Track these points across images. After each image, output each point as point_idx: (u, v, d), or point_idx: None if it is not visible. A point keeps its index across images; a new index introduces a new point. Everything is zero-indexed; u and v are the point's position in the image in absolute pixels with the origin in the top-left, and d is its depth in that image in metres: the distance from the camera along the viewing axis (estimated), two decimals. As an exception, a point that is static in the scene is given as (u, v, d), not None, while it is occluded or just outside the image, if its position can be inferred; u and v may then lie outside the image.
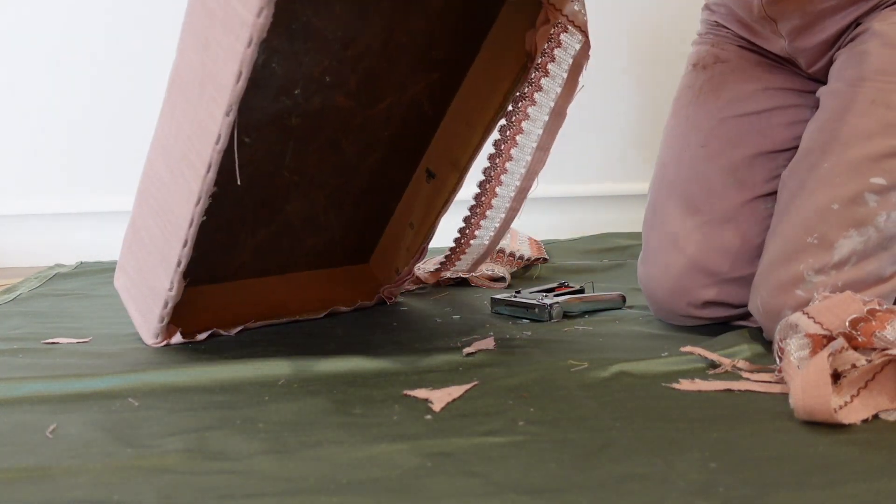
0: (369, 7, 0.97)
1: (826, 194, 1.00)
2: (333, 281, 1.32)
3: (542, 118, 1.06)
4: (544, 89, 1.04)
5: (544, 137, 1.07)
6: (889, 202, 0.98)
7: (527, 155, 1.08)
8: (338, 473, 0.65)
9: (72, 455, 0.69)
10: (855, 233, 0.97)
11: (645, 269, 1.19)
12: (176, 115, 0.94)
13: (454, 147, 1.23)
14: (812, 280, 0.98)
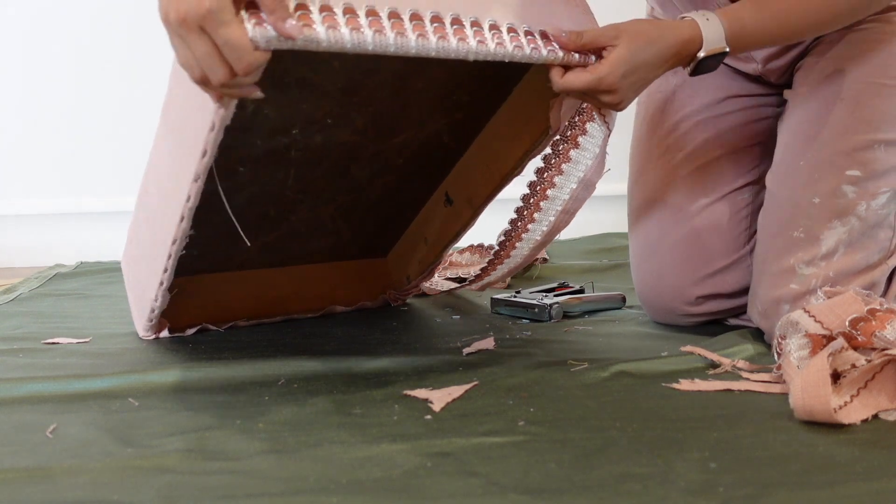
0: (376, 60, 0.94)
1: (807, 190, 1.03)
2: (342, 276, 1.31)
3: (569, 186, 1.01)
4: (573, 160, 1.00)
5: (570, 203, 1.03)
6: (867, 192, 1.01)
7: (550, 216, 1.04)
8: (338, 473, 0.65)
9: (72, 455, 0.69)
10: (838, 223, 1.01)
11: (636, 276, 1.20)
12: (165, 138, 0.95)
13: (472, 184, 1.19)
14: (804, 273, 1.01)
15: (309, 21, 0.70)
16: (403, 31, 0.76)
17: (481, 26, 0.82)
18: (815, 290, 1.01)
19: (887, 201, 1.02)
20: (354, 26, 0.72)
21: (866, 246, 1.01)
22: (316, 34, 0.70)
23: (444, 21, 0.79)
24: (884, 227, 1.02)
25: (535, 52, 0.84)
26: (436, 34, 0.78)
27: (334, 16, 0.72)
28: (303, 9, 0.70)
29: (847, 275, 1.00)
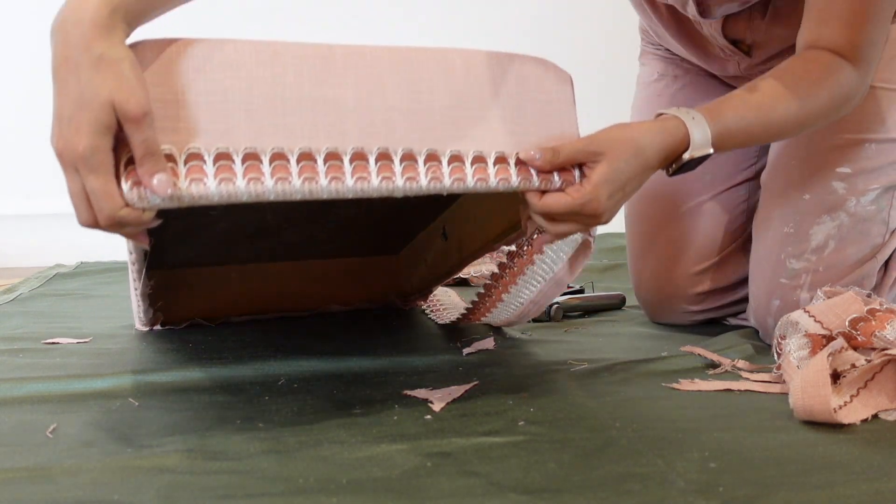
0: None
1: (797, 187, 1.04)
2: (345, 273, 1.30)
3: (536, 280, 0.95)
4: (544, 255, 0.92)
5: (539, 296, 0.98)
6: (856, 189, 1.02)
7: (516, 303, 1.01)
8: (338, 473, 0.65)
9: (72, 455, 0.69)
10: (828, 218, 1.02)
11: (634, 275, 1.21)
12: None
13: (464, 231, 1.12)
14: (794, 267, 1.02)
15: (199, 174, 0.64)
16: (341, 175, 0.68)
17: (439, 160, 0.73)
18: (804, 285, 1.02)
19: (877, 197, 1.02)
20: (254, 176, 0.65)
21: (857, 241, 1.02)
22: (190, 192, 0.63)
23: (392, 159, 0.71)
24: (876, 222, 1.02)
25: (504, 182, 0.75)
26: (379, 174, 0.70)
27: (231, 165, 0.65)
28: (196, 159, 0.64)
29: (837, 269, 1.01)
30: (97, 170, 0.61)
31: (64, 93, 0.62)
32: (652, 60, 1.25)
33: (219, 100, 0.66)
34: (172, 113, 0.64)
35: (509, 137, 0.77)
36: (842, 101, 0.92)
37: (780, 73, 0.91)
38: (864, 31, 0.90)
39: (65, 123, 0.62)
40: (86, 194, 0.62)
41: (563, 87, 0.81)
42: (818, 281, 1.01)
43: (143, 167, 0.62)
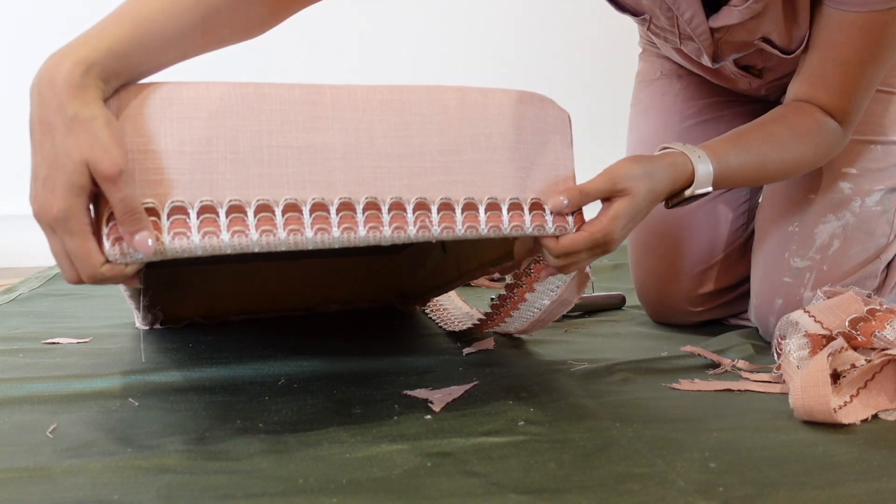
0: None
1: (803, 187, 1.05)
2: (345, 273, 1.29)
3: (541, 302, 0.94)
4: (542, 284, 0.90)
5: (544, 314, 0.96)
6: (862, 189, 1.02)
7: (521, 319, 1.00)
8: (338, 473, 0.65)
9: (72, 455, 0.69)
10: (833, 218, 1.03)
11: (635, 275, 1.21)
12: None
13: (463, 249, 1.10)
14: (798, 266, 1.02)
15: (183, 228, 0.63)
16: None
17: (428, 208, 0.71)
18: (808, 284, 1.02)
19: (882, 198, 1.03)
20: (238, 229, 0.64)
21: (862, 241, 1.02)
22: (173, 246, 0.62)
23: (380, 208, 0.69)
24: (881, 222, 1.03)
25: (517, 230, 0.74)
26: (367, 224, 0.68)
27: (216, 218, 0.63)
28: (179, 213, 0.63)
29: (841, 268, 1.02)
30: (73, 232, 0.61)
31: (40, 154, 0.61)
32: (652, 57, 1.25)
33: (203, 150, 0.64)
34: (155, 164, 0.63)
35: (504, 181, 0.75)
36: (825, 153, 0.98)
37: (776, 123, 0.95)
38: (853, 99, 0.94)
39: (40, 184, 0.61)
40: (67, 253, 0.62)
41: (561, 126, 0.79)
42: (821, 279, 1.01)
43: (123, 226, 0.61)
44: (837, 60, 0.92)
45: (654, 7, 0.96)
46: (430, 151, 0.72)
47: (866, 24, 0.87)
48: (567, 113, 0.80)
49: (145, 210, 0.62)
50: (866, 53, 0.90)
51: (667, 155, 0.86)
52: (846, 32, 0.89)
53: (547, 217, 0.76)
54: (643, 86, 1.24)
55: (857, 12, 0.87)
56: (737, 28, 0.93)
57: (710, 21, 0.94)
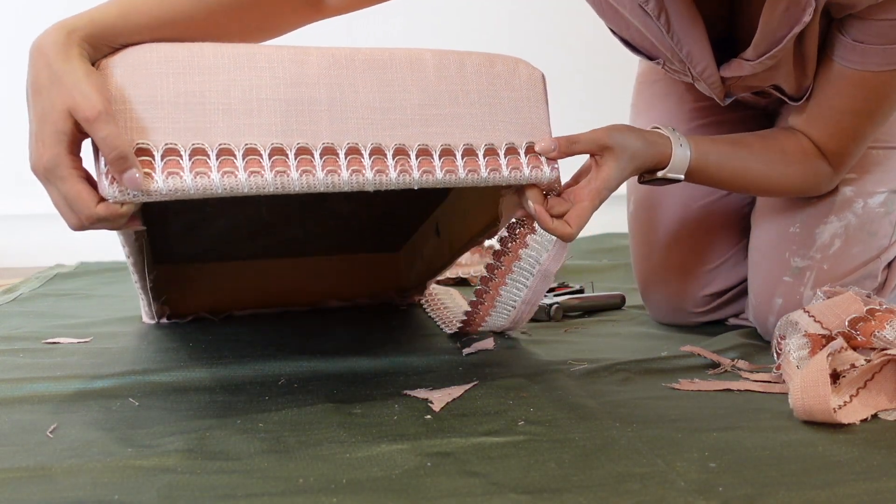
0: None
1: None
2: (346, 270, 1.30)
3: (527, 272, 0.95)
4: (530, 246, 0.93)
5: (530, 295, 0.98)
6: (864, 190, 1.03)
7: (510, 306, 1.01)
8: (338, 473, 0.65)
9: (72, 455, 0.69)
10: (834, 218, 1.03)
11: (638, 275, 1.21)
12: None
13: (454, 226, 1.15)
14: (798, 265, 1.03)
15: (176, 168, 0.66)
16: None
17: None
18: (808, 283, 1.02)
19: (885, 200, 1.03)
20: (228, 170, 0.67)
21: (863, 241, 1.02)
22: (167, 185, 0.66)
23: (362, 153, 0.73)
24: (884, 223, 1.03)
25: (494, 173, 0.78)
26: (349, 168, 0.72)
27: (206, 160, 0.67)
28: (173, 154, 0.66)
29: (841, 267, 1.02)
30: (63, 177, 0.65)
31: (32, 112, 0.66)
32: None
33: (197, 101, 0.68)
34: (152, 113, 0.67)
35: (481, 133, 0.79)
36: (810, 187, 1.01)
37: (769, 141, 0.98)
38: (849, 147, 0.97)
39: (33, 140, 0.66)
40: (64, 200, 0.66)
41: (534, 83, 0.83)
42: (821, 278, 1.01)
43: (111, 165, 0.65)
44: (833, 108, 0.95)
45: (667, 55, 0.97)
46: (410, 105, 0.76)
47: (862, 81, 0.91)
48: (540, 71, 0.84)
49: (140, 150, 0.66)
50: (861, 106, 0.93)
51: (654, 133, 0.90)
52: (843, 85, 0.92)
53: (522, 160, 0.80)
54: (645, 86, 1.24)
55: (854, 69, 0.90)
56: (748, 77, 0.94)
57: (721, 71, 0.96)
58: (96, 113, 0.63)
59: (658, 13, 0.89)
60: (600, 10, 1.00)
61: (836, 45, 0.90)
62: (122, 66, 0.67)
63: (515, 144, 0.80)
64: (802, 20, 0.84)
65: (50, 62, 0.65)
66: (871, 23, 0.86)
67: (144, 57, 0.68)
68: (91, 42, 0.67)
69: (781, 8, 0.84)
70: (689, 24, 0.91)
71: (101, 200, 0.66)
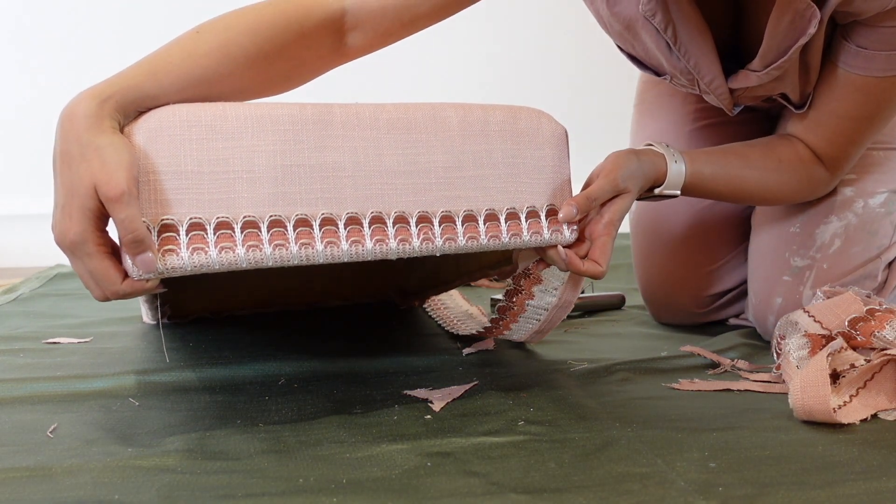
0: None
1: None
2: (347, 269, 1.30)
3: (542, 308, 0.94)
4: (544, 281, 0.92)
5: (544, 325, 0.96)
6: (865, 191, 1.03)
7: (520, 332, 1.00)
8: (338, 473, 0.65)
9: (72, 455, 0.69)
10: (835, 218, 1.03)
11: (640, 275, 1.21)
12: None
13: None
14: (798, 265, 1.03)
15: (201, 244, 0.65)
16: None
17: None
18: (807, 282, 1.02)
19: (886, 200, 1.03)
20: (253, 244, 0.67)
21: (864, 240, 1.02)
22: (192, 261, 0.65)
23: (385, 222, 0.72)
24: (885, 223, 1.03)
25: (515, 238, 0.78)
26: (373, 238, 0.71)
27: (231, 234, 0.67)
28: (198, 228, 0.66)
29: (841, 267, 1.02)
30: (90, 253, 0.65)
31: (60, 182, 0.65)
32: None
33: (221, 169, 0.67)
34: (175, 183, 0.66)
35: (503, 195, 0.78)
36: (806, 194, 1.02)
37: (764, 149, 0.99)
38: (847, 152, 0.97)
39: (59, 211, 0.65)
40: (89, 273, 0.66)
41: (557, 141, 0.82)
42: (821, 277, 1.01)
43: (126, 247, 0.64)
44: (833, 113, 0.95)
45: (674, 70, 0.97)
46: (434, 168, 0.75)
47: (864, 86, 0.91)
48: (563, 127, 0.84)
49: (165, 226, 0.65)
50: (862, 111, 0.93)
51: (650, 152, 0.91)
52: (845, 90, 0.92)
53: (543, 224, 0.80)
54: (649, 86, 1.24)
55: (858, 75, 0.90)
56: (755, 87, 0.95)
57: (729, 82, 0.96)
58: (118, 193, 0.63)
59: (665, 26, 0.89)
60: (607, 27, 1.00)
61: (840, 51, 0.90)
62: (143, 132, 0.66)
63: (537, 207, 0.80)
64: (808, 32, 0.84)
65: (80, 134, 0.64)
66: (876, 29, 0.86)
67: (166, 121, 0.67)
68: (122, 110, 0.67)
69: (787, 20, 0.84)
70: (696, 35, 0.91)
71: (125, 276, 0.66)
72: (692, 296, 1.15)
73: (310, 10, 0.81)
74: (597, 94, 2.28)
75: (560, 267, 0.83)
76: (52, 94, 2.08)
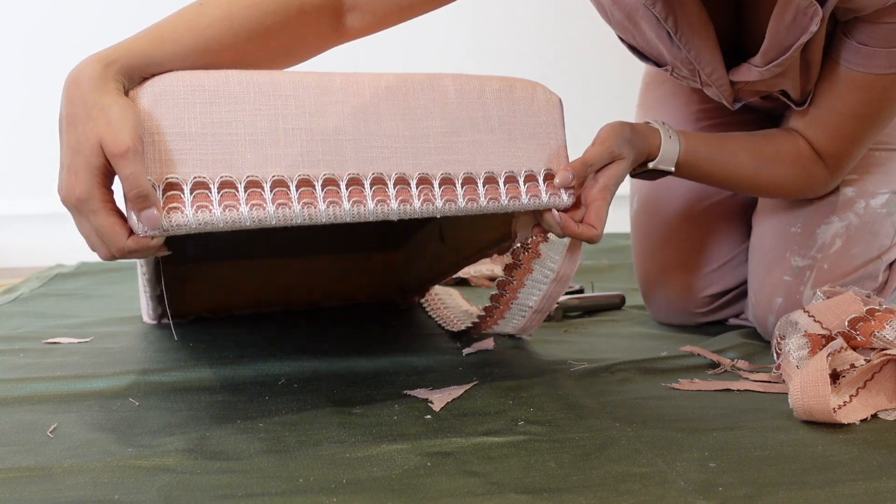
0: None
1: None
2: (347, 269, 1.30)
3: (540, 285, 0.95)
4: (543, 255, 0.93)
5: (543, 302, 0.97)
6: (866, 191, 1.03)
7: (519, 317, 1.01)
8: (338, 473, 0.65)
9: (72, 455, 0.69)
10: (836, 219, 1.03)
11: (640, 276, 1.21)
12: None
13: (460, 235, 1.15)
14: (798, 265, 1.03)
15: (205, 202, 0.66)
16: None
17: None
18: (808, 282, 1.02)
19: (888, 201, 1.02)
20: (256, 203, 0.68)
21: (865, 241, 1.02)
22: (197, 219, 0.66)
23: (386, 183, 0.74)
24: (886, 224, 1.03)
25: (514, 201, 0.80)
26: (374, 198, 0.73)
27: (235, 193, 0.68)
28: (202, 188, 0.67)
29: (842, 267, 1.02)
30: (95, 210, 0.66)
31: (65, 143, 0.66)
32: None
33: (224, 132, 0.68)
34: (180, 145, 0.67)
35: (501, 158, 0.80)
36: (802, 190, 1.02)
37: (764, 139, 0.99)
38: (847, 150, 0.97)
39: (65, 171, 0.66)
40: (95, 233, 0.67)
41: (552, 109, 0.84)
42: (821, 277, 1.01)
43: (131, 202, 0.65)
44: (834, 110, 0.95)
45: (675, 61, 0.97)
46: (432, 133, 0.77)
47: (865, 84, 0.91)
48: (558, 96, 0.86)
49: (169, 184, 0.66)
50: (863, 109, 0.94)
51: (645, 125, 0.93)
52: (846, 87, 0.92)
53: (541, 188, 0.82)
54: (652, 87, 1.24)
55: (859, 72, 0.90)
56: (756, 82, 0.95)
57: (730, 75, 0.96)
58: (123, 149, 0.64)
59: (665, 16, 0.90)
60: (608, 17, 1.00)
61: (841, 48, 0.90)
62: (148, 96, 0.67)
63: (534, 172, 0.82)
64: (809, 30, 0.84)
65: (85, 95, 0.65)
66: (877, 26, 0.86)
67: (170, 86, 0.68)
68: (126, 74, 0.68)
69: (789, 17, 0.84)
70: (698, 26, 0.91)
71: (131, 233, 0.67)
72: (691, 296, 1.15)
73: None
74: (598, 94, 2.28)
75: (556, 232, 0.85)
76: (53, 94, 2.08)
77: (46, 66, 2.03)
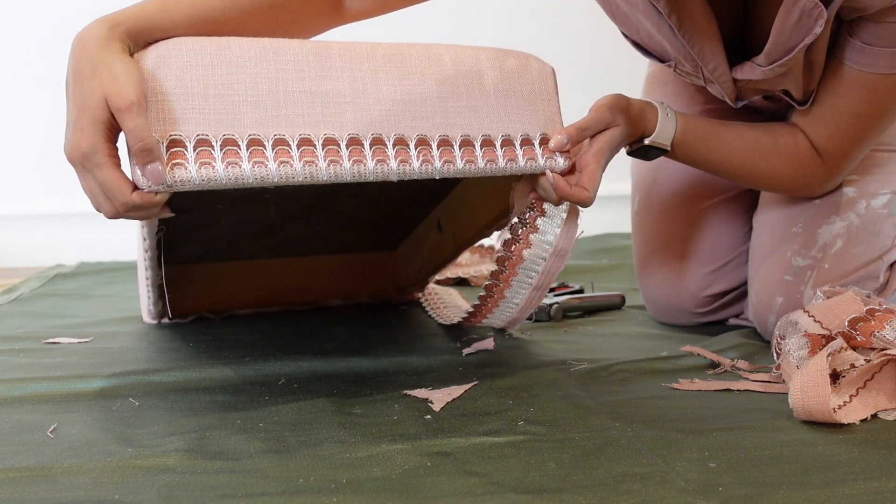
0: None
1: None
2: (346, 268, 1.31)
3: (540, 259, 0.94)
4: (540, 230, 0.94)
5: (542, 278, 0.96)
6: (867, 191, 1.03)
7: (521, 294, 1.00)
8: (338, 473, 0.65)
9: (72, 455, 0.69)
10: (837, 219, 1.03)
11: (640, 275, 1.20)
12: None
13: (458, 221, 1.17)
14: (799, 265, 1.03)
15: (208, 159, 0.68)
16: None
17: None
18: (808, 282, 1.02)
19: (889, 201, 1.02)
20: (258, 160, 0.69)
21: (866, 241, 1.02)
22: (200, 174, 0.67)
23: (385, 143, 0.75)
24: (887, 224, 1.03)
25: (511, 163, 0.81)
26: (374, 158, 0.74)
27: (237, 150, 0.69)
28: (205, 144, 0.68)
29: (843, 267, 1.01)
30: (100, 164, 0.67)
31: (72, 100, 0.68)
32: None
33: (226, 92, 0.70)
34: (183, 104, 0.69)
35: (497, 123, 0.82)
36: (797, 186, 1.02)
37: (762, 131, 1.00)
38: (846, 150, 0.98)
39: (71, 128, 0.67)
40: (100, 188, 0.68)
41: (545, 77, 0.86)
42: (822, 277, 1.01)
43: (135, 156, 0.66)
44: (836, 109, 0.95)
45: (679, 56, 0.98)
46: (429, 97, 0.79)
47: (869, 83, 0.91)
48: (551, 66, 0.88)
49: (173, 141, 0.67)
50: (865, 109, 0.94)
51: (643, 101, 0.94)
52: (849, 86, 0.92)
53: (537, 151, 0.83)
54: (655, 87, 1.24)
55: (862, 71, 0.90)
56: (759, 81, 0.95)
57: (733, 72, 0.97)
58: (128, 103, 0.65)
59: (669, 12, 0.90)
60: (611, 13, 1.00)
61: (845, 47, 0.90)
62: (152, 57, 0.69)
63: (530, 135, 0.83)
64: (814, 31, 0.84)
65: (91, 54, 0.67)
66: (881, 25, 0.86)
67: (174, 49, 0.70)
68: (132, 36, 0.70)
69: (794, 18, 0.84)
70: (702, 21, 0.91)
71: (135, 189, 0.68)
72: (691, 296, 1.15)
73: None
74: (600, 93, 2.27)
75: (551, 197, 0.85)
76: (53, 95, 2.08)
77: (46, 66, 2.03)
